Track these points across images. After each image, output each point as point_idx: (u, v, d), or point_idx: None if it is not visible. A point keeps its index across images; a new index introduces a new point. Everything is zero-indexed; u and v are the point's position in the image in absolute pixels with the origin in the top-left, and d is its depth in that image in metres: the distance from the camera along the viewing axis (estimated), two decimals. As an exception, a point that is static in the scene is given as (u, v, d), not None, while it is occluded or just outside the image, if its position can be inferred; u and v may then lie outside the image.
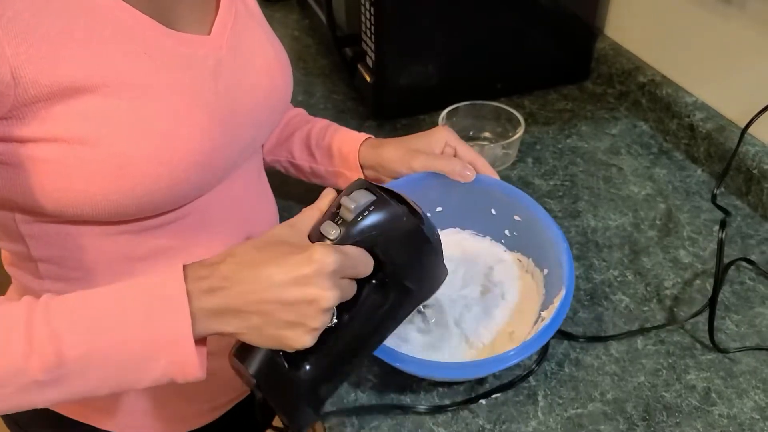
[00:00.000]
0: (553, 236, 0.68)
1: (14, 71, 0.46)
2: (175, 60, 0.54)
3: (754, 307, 0.74)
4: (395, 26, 0.96)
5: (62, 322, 0.46)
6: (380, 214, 0.53)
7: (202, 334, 0.49)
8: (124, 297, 0.48)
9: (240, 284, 0.48)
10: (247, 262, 0.49)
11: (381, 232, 0.53)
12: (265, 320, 0.48)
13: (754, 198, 0.86)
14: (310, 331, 0.49)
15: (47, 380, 0.45)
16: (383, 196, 0.54)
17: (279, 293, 0.47)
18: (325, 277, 0.48)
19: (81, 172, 0.51)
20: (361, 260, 0.52)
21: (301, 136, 0.81)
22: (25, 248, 0.59)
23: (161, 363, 0.48)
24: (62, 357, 0.45)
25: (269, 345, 0.50)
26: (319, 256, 0.48)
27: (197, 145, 0.55)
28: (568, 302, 0.62)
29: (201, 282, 0.48)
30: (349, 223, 0.53)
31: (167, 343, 0.47)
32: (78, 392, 0.47)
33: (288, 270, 0.48)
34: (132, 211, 0.55)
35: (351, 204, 0.53)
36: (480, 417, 0.64)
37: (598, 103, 1.10)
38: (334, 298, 0.48)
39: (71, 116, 0.49)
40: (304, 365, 0.54)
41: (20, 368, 0.45)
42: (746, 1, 0.85)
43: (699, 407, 0.65)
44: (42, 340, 0.45)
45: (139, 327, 0.47)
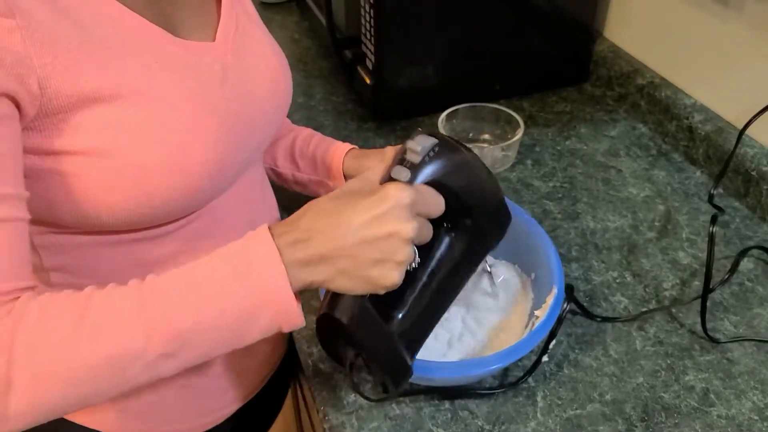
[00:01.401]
0: (539, 238, 0.69)
1: (41, 81, 0.46)
2: (184, 68, 0.55)
3: (752, 308, 0.74)
4: (395, 28, 0.96)
5: (172, 300, 0.48)
6: (445, 154, 0.56)
7: (297, 286, 0.50)
8: (221, 264, 0.50)
9: (322, 232, 0.50)
10: (325, 211, 0.51)
11: (448, 170, 0.56)
12: (352, 262, 0.50)
13: (752, 199, 0.87)
14: (396, 265, 0.51)
15: (168, 353, 0.48)
16: (446, 138, 0.57)
17: (360, 233, 0.49)
18: (402, 210, 0.50)
19: (98, 184, 0.51)
20: (432, 197, 0.55)
21: (285, 144, 0.82)
22: (38, 259, 0.59)
23: (265, 317, 0.50)
24: (178, 330, 0.48)
25: (360, 288, 0.52)
26: (393, 192, 0.50)
27: (210, 152, 0.55)
28: (561, 297, 0.63)
29: (286, 236, 0.50)
30: (416, 164, 0.55)
31: (269, 299, 0.49)
32: (196, 357, 0.50)
33: (365, 210, 0.50)
34: (148, 219, 0.55)
35: (417, 147, 0.55)
36: (479, 418, 0.64)
37: (597, 105, 1.10)
38: (413, 229, 0.50)
39: (89, 127, 0.49)
40: (395, 315, 0.57)
41: (143, 348, 0.47)
42: (744, 4, 0.85)
43: (698, 408, 0.65)
44: (157, 319, 0.47)
45: (239, 289, 0.49)
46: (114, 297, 0.48)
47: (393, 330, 0.57)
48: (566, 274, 0.79)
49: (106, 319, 0.47)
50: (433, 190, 0.55)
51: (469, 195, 0.59)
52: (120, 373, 0.47)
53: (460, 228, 0.60)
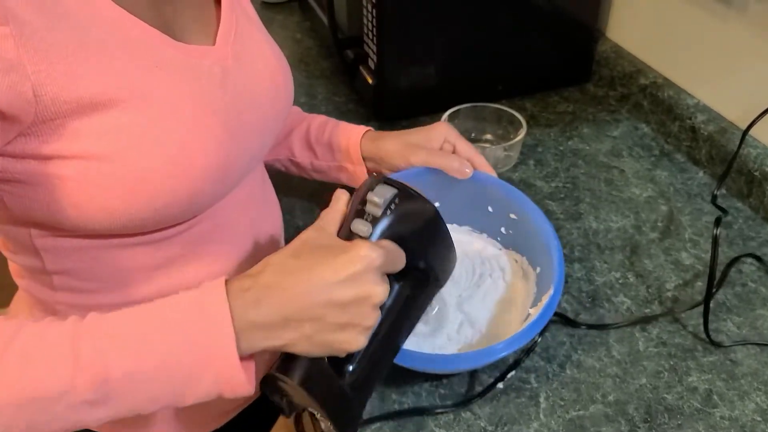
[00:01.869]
0: (546, 235, 0.68)
1: (35, 88, 0.45)
2: (184, 72, 0.54)
3: (755, 309, 0.74)
4: (397, 28, 0.96)
5: (107, 342, 0.46)
6: (405, 205, 0.55)
7: (248, 351, 0.48)
8: (167, 314, 0.48)
9: (286, 291, 0.47)
10: (288, 269, 0.48)
11: (407, 223, 0.55)
12: (317, 326, 0.48)
13: (755, 200, 0.86)
14: (363, 330, 0.49)
15: (95, 399, 0.45)
16: (405, 188, 0.55)
17: (332, 294, 0.47)
18: (374, 273, 0.48)
19: (100, 188, 0.50)
20: (396, 253, 0.53)
21: (300, 133, 0.81)
22: (40, 262, 0.59)
23: (207, 380, 0.47)
24: (108, 375, 0.45)
25: (322, 352, 0.49)
26: (365, 252, 0.48)
27: (212, 156, 0.55)
28: (557, 299, 0.63)
29: (246, 294, 0.48)
30: (378, 218, 0.53)
31: (212, 359, 0.47)
32: (125, 410, 0.47)
33: (337, 270, 0.47)
34: (150, 223, 0.54)
35: (378, 199, 0.53)
36: (482, 419, 0.64)
37: (599, 106, 1.10)
38: (384, 293, 0.49)
39: (89, 132, 0.49)
40: (347, 368, 0.54)
41: (68, 387, 0.45)
42: (747, 4, 0.85)
43: (701, 409, 0.65)
44: (88, 359, 0.45)
45: (183, 345, 0.47)
46: (47, 330, 0.46)
47: (346, 383, 0.54)
48: (569, 275, 0.79)
49: (33, 353, 0.45)
50: (395, 246, 0.53)
51: (424, 244, 0.57)
52: (43, 412, 0.45)
53: (411, 276, 0.57)
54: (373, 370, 0.56)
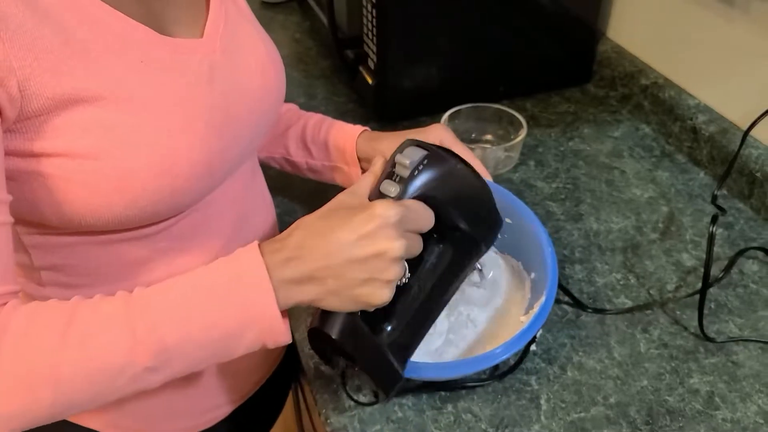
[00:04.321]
0: (541, 241, 0.68)
1: (21, 84, 0.45)
2: (170, 67, 0.54)
3: (757, 310, 0.74)
4: (397, 28, 0.96)
5: (158, 311, 0.48)
6: (435, 166, 0.56)
7: (285, 304, 0.51)
8: (210, 280, 0.50)
9: (312, 251, 0.50)
10: (314, 230, 0.51)
11: (438, 183, 0.56)
12: (341, 282, 0.50)
13: (756, 201, 0.86)
14: (385, 284, 0.51)
15: (154, 366, 0.48)
16: (435, 150, 0.57)
17: (349, 253, 0.50)
18: (390, 228, 0.50)
19: (84, 186, 0.51)
20: (421, 212, 0.55)
21: (296, 131, 0.81)
22: (27, 258, 0.59)
23: (252, 333, 0.50)
24: (165, 345, 0.48)
25: (349, 306, 0.52)
26: (380, 211, 0.50)
27: (197, 153, 0.55)
28: (548, 308, 0.63)
29: (276, 255, 0.51)
30: (406, 178, 0.55)
31: (255, 316, 0.50)
32: (182, 370, 0.50)
33: (353, 229, 0.50)
34: (135, 220, 0.55)
35: (406, 160, 0.55)
36: (482, 421, 0.64)
37: (600, 106, 1.09)
38: (401, 248, 0.50)
39: (72, 129, 0.49)
40: (385, 327, 0.57)
41: (129, 361, 0.47)
42: (749, 4, 0.84)
43: (702, 411, 0.64)
44: (143, 332, 0.47)
45: (227, 306, 0.49)
46: (101, 308, 0.48)
47: (383, 341, 0.57)
48: (570, 276, 0.79)
49: (92, 330, 0.47)
50: (422, 205, 0.55)
51: (459, 206, 0.59)
52: (106, 384, 0.47)
53: (450, 238, 0.60)
54: (410, 329, 0.59)
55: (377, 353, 0.57)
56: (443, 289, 0.61)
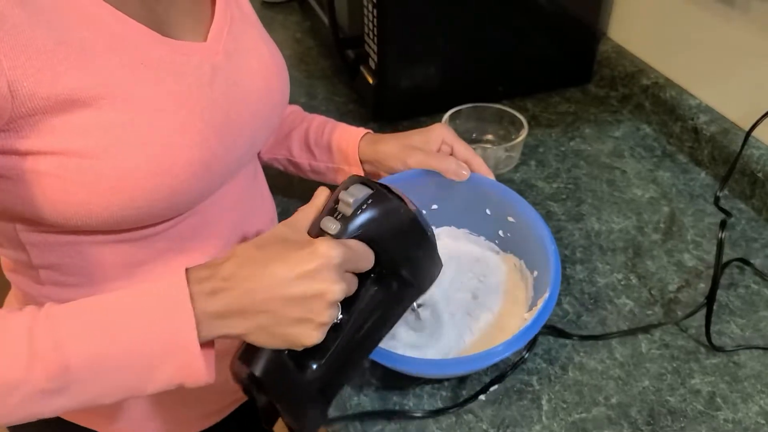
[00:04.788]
0: (543, 239, 0.68)
1: (11, 84, 0.45)
2: (170, 69, 0.54)
3: (758, 311, 0.74)
4: (398, 28, 0.96)
5: (65, 330, 0.46)
6: (378, 206, 0.54)
7: (208, 338, 0.48)
8: (127, 303, 0.48)
9: (243, 283, 0.48)
10: (249, 261, 0.49)
11: (380, 224, 0.54)
12: (272, 319, 0.48)
13: (758, 201, 0.86)
14: (318, 326, 0.49)
15: (53, 389, 0.45)
16: (380, 189, 0.55)
17: (285, 290, 0.47)
18: (331, 271, 0.48)
19: (81, 185, 0.50)
20: (362, 253, 0.53)
21: (300, 133, 0.81)
22: (26, 256, 0.59)
23: (168, 369, 0.47)
24: (67, 365, 0.45)
25: (277, 344, 0.50)
26: (324, 250, 0.48)
27: (195, 155, 0.54)
28: (552, 305, 0.62)
29: (203, 284, 0.48)
30: (348, 217, 0.53)
31: (173, 348, 0.47)
32: (84, 400, 0.47)
33: (293, 265, 0.48)
34: (132, 220, 0.54)
35: (349, 198, 0.53)
36: (484, 421, 0.64)
37: (601, 106, 1.09)
38: (341, 291, 0.49)
39: (70, 129, 0.48)
40: (311, 365, 0.54)
41: (24, 378, 0.44)
42: (750, 4, 0.84)
43: (704, 412, 0.64)
44: (46, 349, 0.45)
45: (143, 333, 0.47)
46: (4, 321, 0.46)
47: (309, 379, 0.54)
48: (571, 276, 0.78)
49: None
50: (363, 246, 0.53)
51: (398, 251, 0.56)
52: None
53: (387, 279, 0.57)
54: (339, 370, 0.56)
55: (302, 394, 0.54)
56: (375, 330, 0.58)
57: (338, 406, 0.65)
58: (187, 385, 0.49)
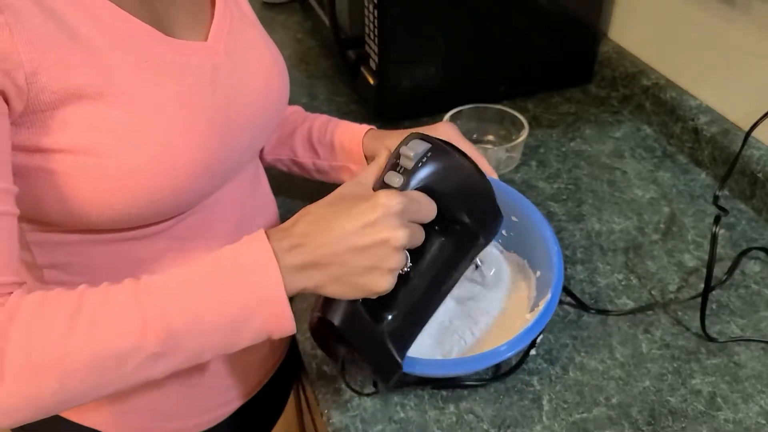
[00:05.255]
0: (546, 239, 0.68)
1: (28, 77, 0.46)
2: (173, 68, 0.55)
3: (759, 311, 0.74)
4: (398, 28, 0.96)
5: (167, 297, 0.48)
6: (438, 159, 0.57)
7: (290, 290, 0.51)
8: (216, 265, 0.50)
9: (315, 239, 0.51)
10: (319, 218, 0.52)
11: (441, 176, 0.57)
12: (344, 269, 0.51)
13: (758, 201, 0.86)
14: (387, 272, 0.51)
15: (162, 351, 0.48)
16: (439, 143, 0.58)
17: (352, 241, 0.50)
18: (393, 218, 0.51)
19: (85, 183, 0.51)
20: (424, 203, 0.55)
21: (302, 133, 0.81)
22: (30, 256, 0.59)
23: (258, 321, 0.50)
24: (172, 329, 0.48)
25: (351, 293, 0.52)
26: (384, 200, 0.51)
27: (197, 153, 0.55)
28: (554, 306, 0.63)
29: (282, 242, 0.51)
30: (410, 170, 0.56)
31: (262, 301, 0.50)
32: (188, 357, 0.50)
33: (356, 218, 0.50)
34: (135, 219, 0.55)
35: (410, 152, 0.56)
36: (484, 421, 0.64)
37: (601, 107, 1.09)
38: (404, 237, 0.51)
39: (75, 125, 0.49)
40: (386, 316, 0.58)
41: (138, 345, 0.47)
42: (751, 5, 0.85)
43: (704, 412, 0.64)
44: (153, 317, 0.47)
45: (235, 290, 0.49)
46: (110, 294, 0.48)
47: (383, 330, 0.58)
48: (572, 276, 0.79)
49: (101, 315, 0.47)
50: (425, 196, 0.56)
51: (460, 200, 0.59)
52: (113, 370, 0.47)
53: (452, 230, 0.61)
54: (410, 319, 0.60)
55: (377, 341, 0.57)
56: (443, 281, 0.62)
57: (340, 405, 0.66)
58: (274, 336, 0.52)
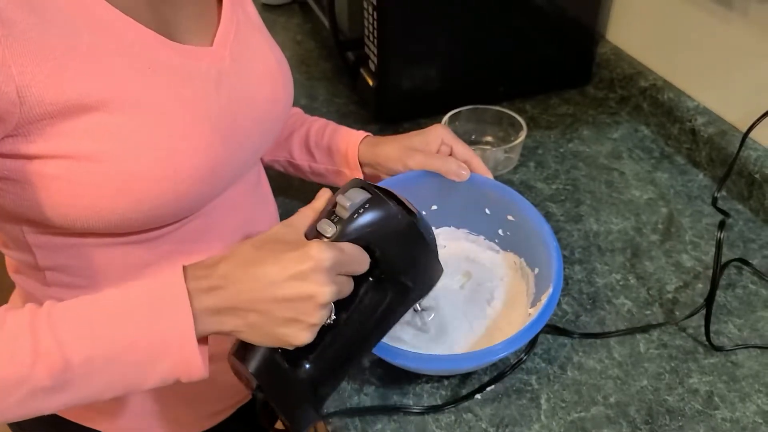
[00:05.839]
0: (544, 235, 0.68)
1: (20, 90, 0.45)
2: (178, 73, 0.54)
3: (756, 311, 0.74)
4: (398, 30, 0.96)
5: (66, 328, 0.46)
6: (375, 211, 0.54)
7: (203, 333, 0.49)
8: (126, 300, 0.49)
9: (237, 283, 0.49)
10: (244, 261, 0.50)
11: (376, 229, 0.54)
12: (263, 318, 0.49)
13: (755, 202, 0.87)
14: (308, 327, 0.50)
15: (54, 386, 0.46)
16: (378, 194, 0.55)
17: (276, 290, 0.48)
18: (322, 273, 0.48)
19: (88, 188, 0.51)
20: (356, 256, 0.53)
21: (300, 135, 0.82)
22: (32, 258, 0.59)
23: (166, 363, 0.48)
24: (68, 362, 0.46)
25: (268, 343, 0.51)
26: (315, 253, 0.48)
27: (201, 159, 0.55)
28: (556, 299, 0.63)
29: (200, 281, 0.49)
30: (345, 220, 0.53)
31: (171, 343, 0.48)
32: (84, 396, 0.48)
33: (284, 267, 0.48)
34: (138, 223, 0.55)
35: (347, 202, 0.53)
36: (483, 420, 0.64)
37: (599, 108, 1.10)
38: (330, 294, 0.49)
39: (77, 133, 0.49)
40: (304, 364, 0.55)
41: (26, 375, 0.45)
42: (748, 6, 0.85)
43: (702, 411, 0.65)
44: (47, 346, 0.45)
45: (142, 329, 0.48)
46: (6, 319, 0.46)
47: (302, 378, 0.55)
48: (570, 276, 0.79)
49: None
50: (358, 249, 0.53)
51: (395, 255, 0.57)
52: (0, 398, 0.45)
53: (384, 283, 0.57)
54: (333, 369, 0.57)
55: (294, 390, 0.55)
56: (371, 332, 0.59)
57: (338, 402, 0.66)
58: (183, 379, 0.50)
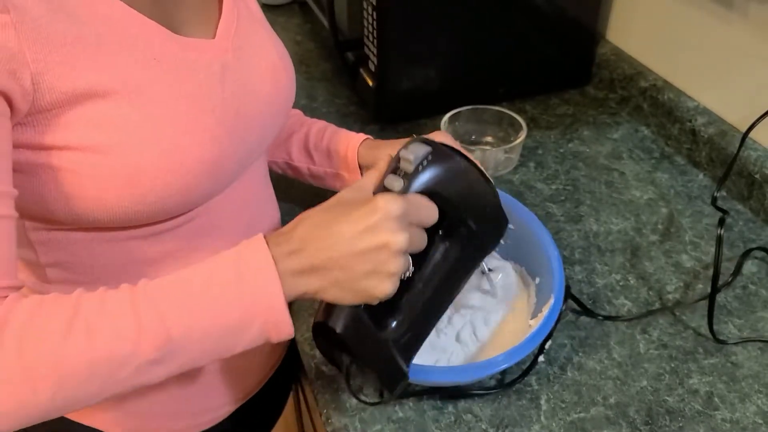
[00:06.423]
0: (545, 245, 0.69)
1: (34, 77, 0.46)
2: (182, 66, 0.55)
3: (756, 311, 0.74)
4: (397, 30, 0.96)
5: (165, 302, 0.48)
6: (439, 162, 0.56)
7: (288, 296, 0.51)
8: (215, 271, 0.50)
9: (315, 242, 0.50)
10: (318, 222, 0.51)
11: (442, 178, 0.56)
12: (345, 273, 0.50)
13: (755, 202, 0.87)
14: (388, 276, 0.51)
15: (157, 358, 0.48)
16: (440, 146, 0.57)
17: (352, 245, 0.50)
18: (392, 221, 0.50)
19: (93, 180, 0.51)
20: (424, 206, 0.55)
21: (299, 137, 0.82)
22: (34, 254, 0.59)
23: (257, 326, 0.50)
24: (169, 335, 0.47)
25: (352, 299, 0.52)
26: (382, 204, 0.50)
27: (206, 151, 0.55)
28: (558, 310, 0.63)
29: (281, 246, 0.51)
30: (410, 174, 0.55)
31: (261, 306, 0.50)
32: (182, 365, 0.50)
33: (356, 222, 0.50)
34: (144, 217, 0.55)
35: (410, 156, 0.55)
36: (483, 421, 0.64)
37: (599, 108, 1.10)
38: (403, 240, 0.50)
39: (84, 124, 0.49)
40: (390, 323, 0.57)
41: (134, 351, 0.47)
42: (748, 7, 0.85)
43: (702, 411, 0.65)
44: (150, 322, 0.47)
45: (233, 296, 0.49)
46: (106, 299, 0.48)
47: (387, 337, 0.57)
48: (570, 277, 0.79)
49: (98, 321, 0.46)
50: (425, 199, 0.55)
51: (463, 203, 0.59)
52: (108, 376, 0.47)
53: (456, 234, 0.60)
54: (415, 326, 0.59)
55: (381, 349, 0.57)
56: (448, 287, 0.61)
57: (340, 406, 0.66)
58: (273, 340, 0.51)
